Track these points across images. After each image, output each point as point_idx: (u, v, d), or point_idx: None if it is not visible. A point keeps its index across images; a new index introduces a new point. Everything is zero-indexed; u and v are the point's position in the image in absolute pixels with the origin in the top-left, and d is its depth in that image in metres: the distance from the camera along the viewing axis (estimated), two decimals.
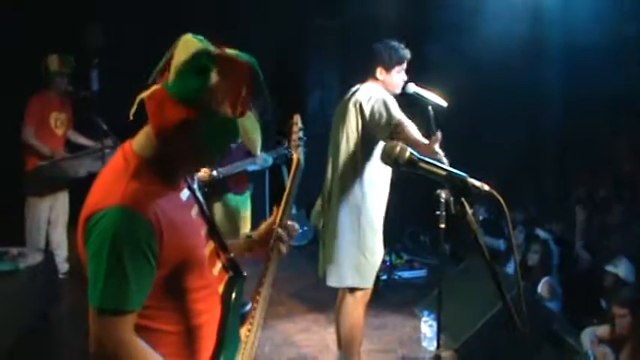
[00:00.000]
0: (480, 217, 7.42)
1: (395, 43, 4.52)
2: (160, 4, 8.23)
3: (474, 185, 2.05)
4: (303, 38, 9.45)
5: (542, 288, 5.92)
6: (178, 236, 1.94)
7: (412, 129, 4.13)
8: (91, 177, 6.28)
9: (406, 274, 7.47)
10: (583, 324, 5.25)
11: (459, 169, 2.11)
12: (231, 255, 2.26)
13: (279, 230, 2.48)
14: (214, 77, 1.85)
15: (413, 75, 4.60)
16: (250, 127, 5.47)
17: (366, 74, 4.57)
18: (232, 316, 2.17)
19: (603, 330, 4.93)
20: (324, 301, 5.84)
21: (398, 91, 4.54)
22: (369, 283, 4.55)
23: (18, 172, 6.48)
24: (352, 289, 4.56)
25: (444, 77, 4.93)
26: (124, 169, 1.91)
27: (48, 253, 5.89)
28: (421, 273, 7.55)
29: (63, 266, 6.63)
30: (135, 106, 1.90)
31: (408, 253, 7.93)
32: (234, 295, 2.19)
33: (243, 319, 2.31)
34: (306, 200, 7.56)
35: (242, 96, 1.89)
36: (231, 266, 2.26)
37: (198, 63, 1.84)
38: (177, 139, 1.89)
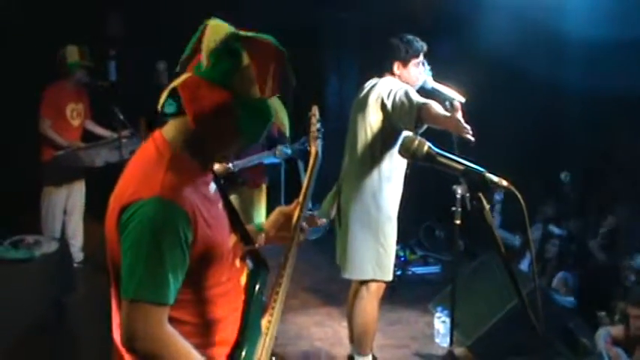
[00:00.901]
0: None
1: (410, 37, 4.50)
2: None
3: (492, 180, 2.05)
4: (322, 30, 9.43)
5: (556, 282, 5.90)
6: (209, 229, 1.96)
7: (436, 108, 4.07)
8: (108, 167, 6.39)
9: (420, 270, 7.46)
10: (597, 320, 5.24)
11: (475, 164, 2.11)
12: (255, 247, 2.28)
13: (301, 221, 2.48)
14: (245, 59, 1.89)
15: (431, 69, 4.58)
16: (279, 107, 5.47)
17: (382, 69, 4.56)
18: (255, 309, 2.19)
19: (618, 330, 4.91)
20: (338, 294, 5.85)
21: (418, 84, 4.52)
22: (388, 275, 4.55)
23: (33, 162, 6.50)
24: (367, 283, 4.54)
25: (459, 72, 4.90)
26: (157, 160, 1.93)
27: (63, 241, 5.91)
28: (435, 269, 7.55)
29: (78, 255, 6.66)
30: (165, 97, 1.94)
31: (422, 249, 7.91)
32: (257, 288, 2.21)
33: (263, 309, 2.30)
34: (322, 196, 7.55)
35: (271, 76, 1.92)
36: (254, 258, 2.27)
37: (229, 46, 1.87)
38: (215, 123, 1.90)
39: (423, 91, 4.52)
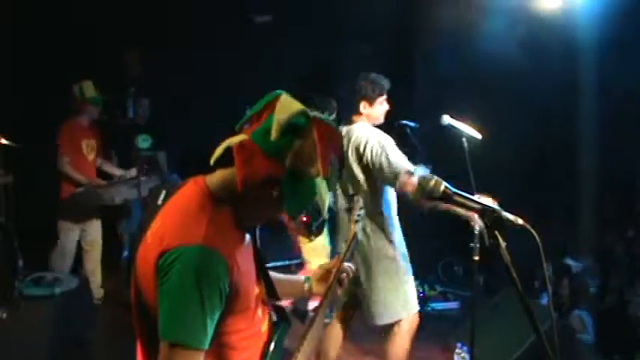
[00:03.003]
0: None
1: (374, 75, 4.55)
2: (197, 33, 8.34)
3: (507, 219, 2.06)
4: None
5: (573, 320, 5.86)
6: (242, 282, 2.00)
7: (415, 182, 4.05)
8: (124, 204, 6.42)
9: (439, 306, 7.43)
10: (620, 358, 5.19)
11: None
12: (280, 301, 2.32)
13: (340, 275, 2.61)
14: (308, 139, 1.94)
15: (435, 95, 4.62)
16: (323, 188, 5.51)
17: (351, 111, 4.60)
18: (273, 357, 2.20)
19: None
20: (354, 332, 5.83)
21: (381, 121, 4.59)
22: (416, 306, 4.57)
23: (50, 198, 6.57)
24: (398, 322, 4.55)
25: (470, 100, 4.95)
26: (199, 208, 1.98)
27: (83, 278, 5.95)
28: (454, 305, 7.50)
29: (98, 292, 6.67)
30: (219, 153, 1.99)
31: (441, 285, 7.89)
32: (273, 343, 2.22)
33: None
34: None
35: (326, 157, 1.97)
36: (277, 311, 2.31)
37: (296, 122, 1.94)
38: (261, 191, 1.96)
39: (438, 127, 4.56)
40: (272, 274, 2.39)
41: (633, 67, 6.35)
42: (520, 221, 2.06)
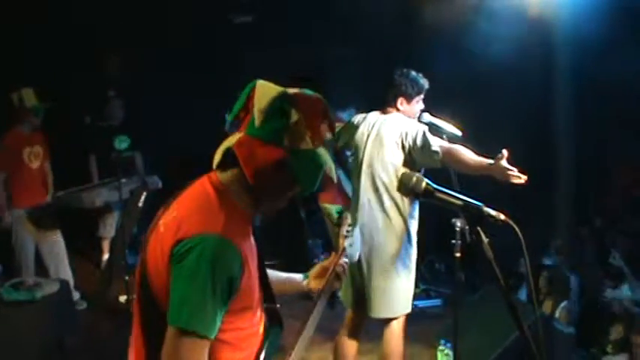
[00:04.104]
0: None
1: (414, 74, 4.56)
2: (178, 35, 8.30)
3: (489, 214, 2.07)
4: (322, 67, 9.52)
5: (559, 313, 5.89)
6: (249, 280, 2.06)
7: (464, 154, 4.14)
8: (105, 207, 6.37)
9: (422, 304, 7.44)
10: (596, 351, 5.23)
11: (472, 198, 2.13)
12: (275, 305, 2.36)
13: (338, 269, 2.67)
14: (294, 115, 2.01)
15: (429, 99, 4.64)
16: (327, 155, 5.51)
17: (385, 103, 4.60)
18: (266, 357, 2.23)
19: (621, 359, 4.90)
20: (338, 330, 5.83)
21: (414, 120, 4.58)
22: (410, 304, 4.68)
23: None
24: (398, 318, 4.63)
25: (455, 102, 4.96)
26: (215, 202, 2.04)
27: (64, 282, 5.90)
28: (437, 302, 7.51)
29: (74, 294, 6.57)
30: (219, 156, 2.08)
31: (423, 283, 7.89)
32: (266, 345, 2.25)
33: None
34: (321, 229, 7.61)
35: (318, 127, 2.06)
36: (272, 315, 2.33)
37: (279, 105, 2.01)
38: (274, 177, 2.04)
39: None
40: (270, 272, 2.44)
41: (614, 65, 6.40)
42: (502, 217, 2.07)
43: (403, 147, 4.37)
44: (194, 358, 1.89)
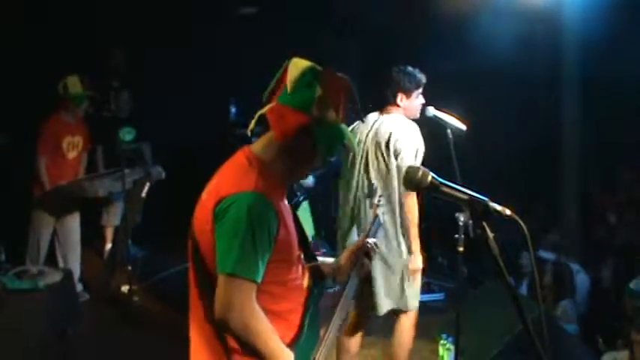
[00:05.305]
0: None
1: (411, 69, 4.54)
2: (181, 30, 8.29)
3: (495, 210, 2.07)
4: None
5: (560, 311, 5.88)
6: (287, 233, 2.30)
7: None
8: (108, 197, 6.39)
9: (424, 298, 7.41)
10: (602, 348, 5.22)
11: (477, 192, 2.12)
12: (317, 263, 2.63)
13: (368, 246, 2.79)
14: (320, 89, 2.26)
15: (430, 92, 4.62)
16: (349, 133, 5.52)
17: (384, 101, 4.58)
18: (313, 311, 2.44)
19: (622, 356, 4.88)
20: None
21: (417, 115, 4.56)
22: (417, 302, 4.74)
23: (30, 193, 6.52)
24: (410, 312, 4.70)
25: (458, 95, 4.95)
26: (249, 166, 2.28)
27: (67, 271, 5.90)
28: (439, 296, 7.50)
29: (77, 286, 6.59)
30: (254, 122, 2.34)
31: (425, 276, 7.88)
32: (316, 295, 2.49)
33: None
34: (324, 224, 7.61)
35: (342, 104, 2.32)
36: (313, 272, 2.56)
37: (307, 78, 2.27)
38: (297, 141, 2.28)
39: (424, 118, 4.56)
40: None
41: (618, 61, 6.39)
42: (507, 212, 2.06)
43: (394, 150, 4.38)
44: (243, 300, 2.11)
